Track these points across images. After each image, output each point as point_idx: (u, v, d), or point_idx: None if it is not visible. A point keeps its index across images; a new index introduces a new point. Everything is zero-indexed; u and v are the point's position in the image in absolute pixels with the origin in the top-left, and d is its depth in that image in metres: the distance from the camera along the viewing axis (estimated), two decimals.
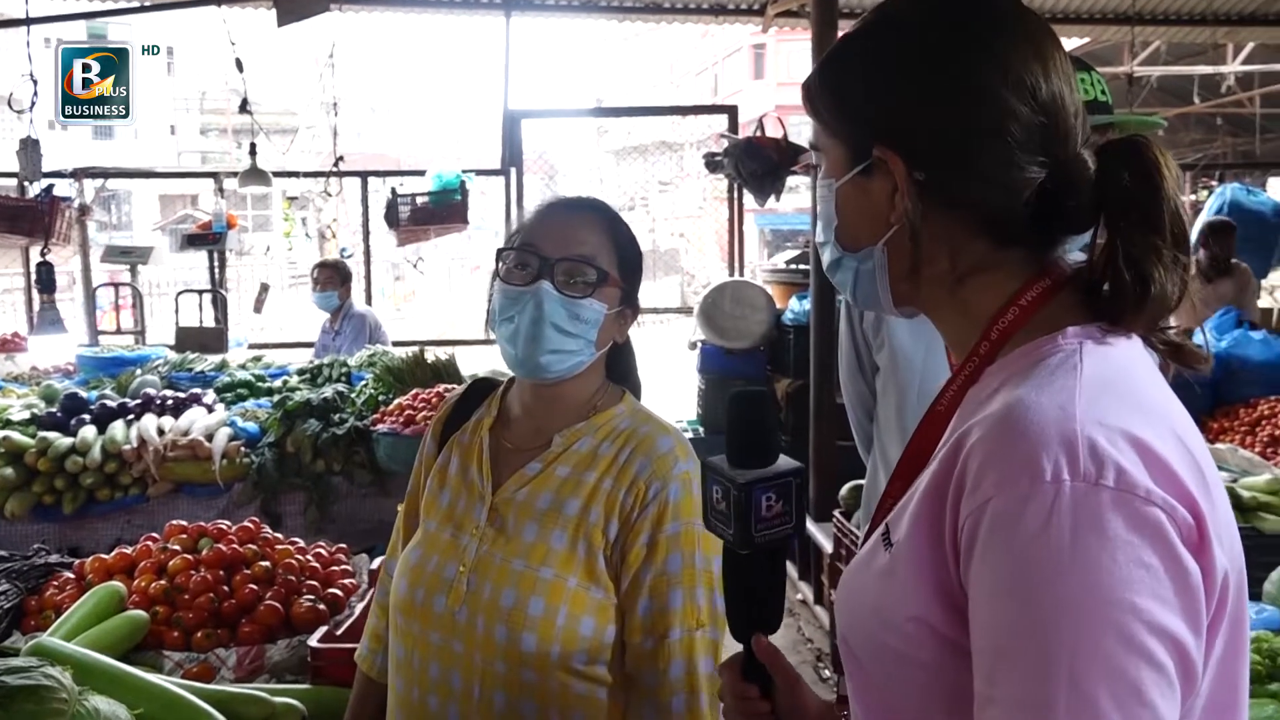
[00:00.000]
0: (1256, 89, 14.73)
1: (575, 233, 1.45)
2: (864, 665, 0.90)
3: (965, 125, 0.88)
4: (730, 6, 7.57)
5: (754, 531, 1.04)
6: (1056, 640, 0.71)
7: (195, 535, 2.51)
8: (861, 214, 0.95)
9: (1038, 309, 0.89)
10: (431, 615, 1.44)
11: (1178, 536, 0.74)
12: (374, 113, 33.70)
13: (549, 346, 1.42)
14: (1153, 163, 0.86)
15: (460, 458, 1.54)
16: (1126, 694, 0.70)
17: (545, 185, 11.08)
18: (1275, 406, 4.56)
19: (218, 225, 7.10)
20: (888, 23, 0.95)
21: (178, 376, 4.98)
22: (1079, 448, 0.75)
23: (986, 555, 0.76)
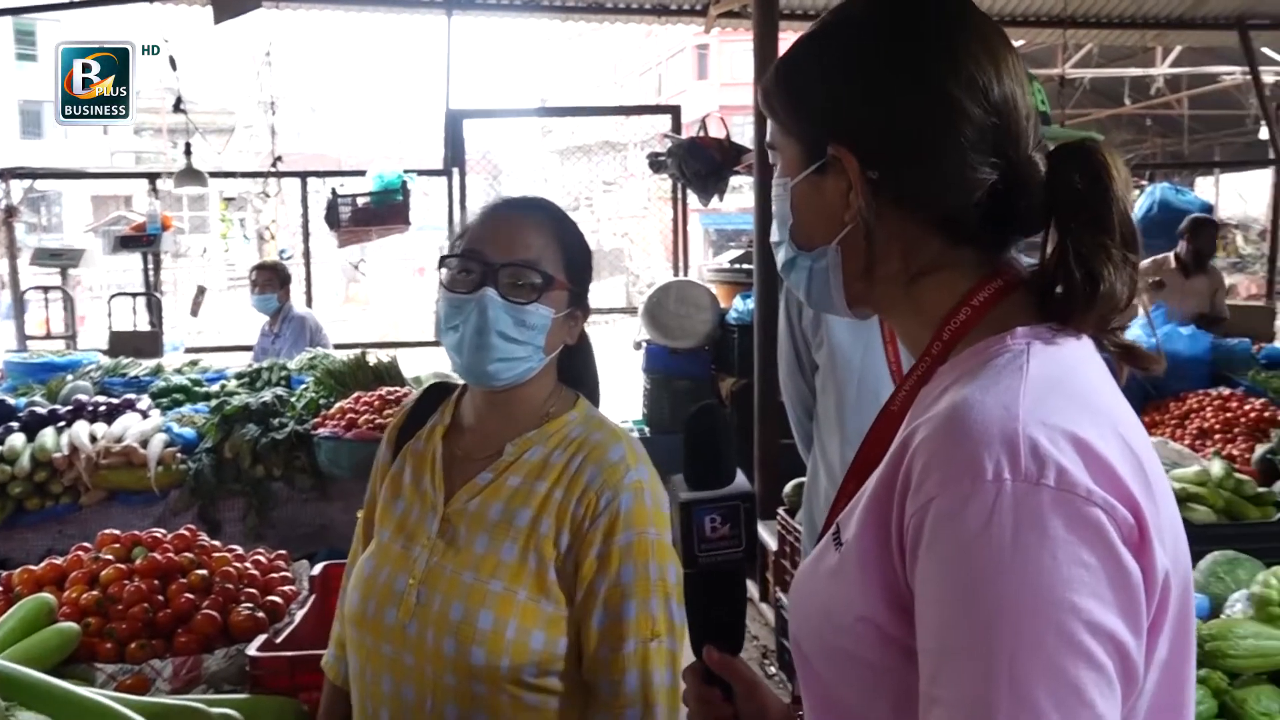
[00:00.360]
0: (1184, 91, 15.15)
1: (519, 236, 1.42)
2: (814, 666, 0.90)
3: (918, 124, 0.89)
4: (673, 7, 7.59)
5: (696, 551, 1.05)
6: (997, 640, 0.71)
7: (129, 544, 2.45)
8: (816, 212, 0.95)
9: (990, 309, 0.90)
10: (383, 627, 1.42)
11: (1118, 536, 0.74)
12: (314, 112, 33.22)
13: (495, 355, 1.39)
14: (1102, 165, 0.87)
15: (414, 466, 1.52)
16: (1066, 693, 0.70)
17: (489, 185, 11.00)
18: (1203, 400, 4.69)
19: (152, 227, 6.96)
20: (842, 23, 0.95)
21: (111, 382, 4.86)
22: (1020, 447, 0.75)
23: (929, 554, 0.76)
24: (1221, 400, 4.63)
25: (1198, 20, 8.34)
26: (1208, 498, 3.26)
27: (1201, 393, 4.80)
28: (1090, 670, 0.71)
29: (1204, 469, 3.42)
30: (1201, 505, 3.24)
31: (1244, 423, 4.38)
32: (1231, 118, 15.98)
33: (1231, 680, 1.86)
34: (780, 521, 4.19)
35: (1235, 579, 2.37)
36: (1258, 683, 1.86)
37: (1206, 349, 5.15)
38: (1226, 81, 14.11)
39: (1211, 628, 1.93)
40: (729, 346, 6.17)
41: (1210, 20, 8.35)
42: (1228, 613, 2.14)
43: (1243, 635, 1.88)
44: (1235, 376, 4.98)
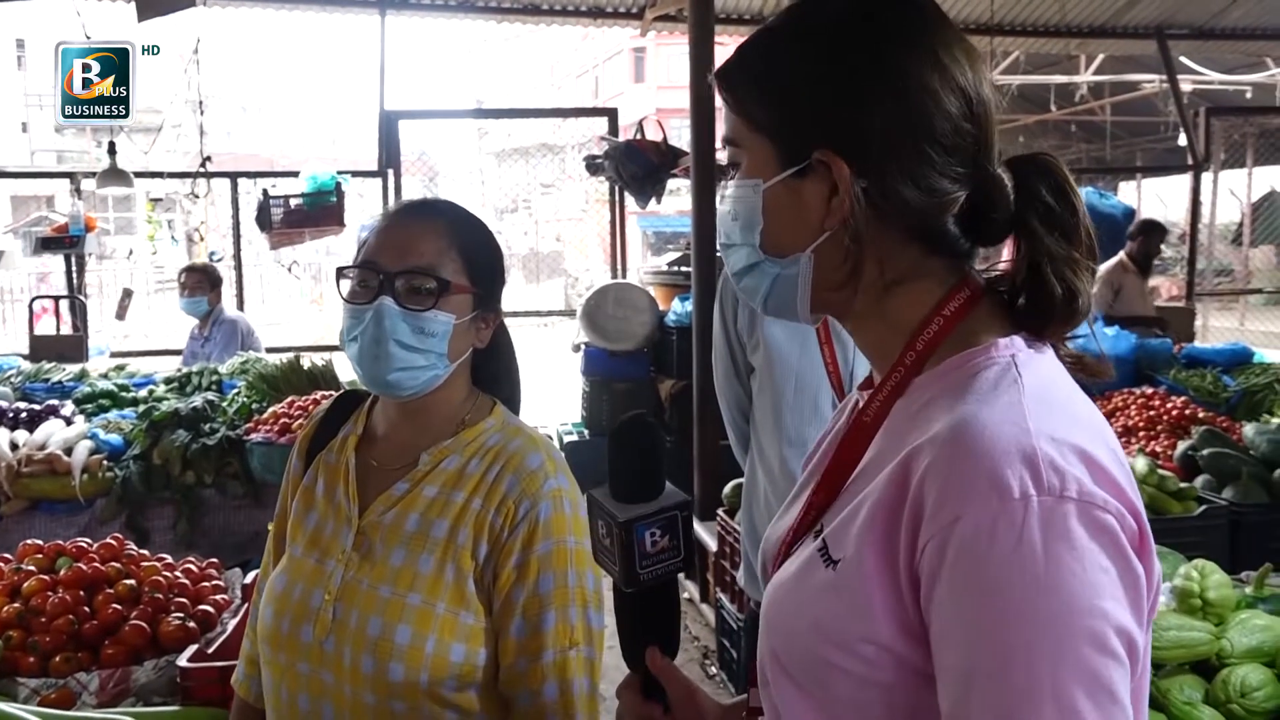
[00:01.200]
0: (1107, 98, 15.59)
1: (413, 243, 1.38)
2: (798, 680, 0.89)
3: (908, 132, 0.87)
4: (609, 10, 7.60)
5: (638, 569, 1.01)
6: (1036, 653, 0.73)
7: (53, 554, 2.38)
8: (791, 218, 0.91)
9: (960, 320, 0.90)
10: (298, 645, 1.38)
11: (1127, 541, 0.77)
12: (245, 111, 32.61)
13: (395, 364, 1.36)
14: (1065, 178, 0.89)
15: (326, 479, 1.48)
16: (1102, 695, 0.73)
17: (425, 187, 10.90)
18: (1127, 399, 4.82)
19: (75, 228, 6.76)
20: (827, 22, 0.91)
21: (32, 388, 4.73)
22: (1040, 463, 0.76)
23: (958, 577, 0.76)
24: (1145, 399, 4.76)
25: (1119, 29, 8.59)
26: None
27: (1126, 391, 4.94)
28: (1119, 668, 0.74)
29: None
30: None
31: (1166, 420, 4.52)
32: (1152, 124, 16.50)
33: (1156, 671, 1.91)
34: (720, 523, 4.22)
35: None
36: (1180, 673, 1.91)
37: (1130, 349, 5.30)
38: (1147, 89, 14.55)
39: None
40: (668, 349, 6.20)
41: (1130, 29, 8.60)
42: None
43: (1166, 627, 1.93)
44: (1157, 375, 5.13)
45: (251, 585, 2.32)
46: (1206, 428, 4.10)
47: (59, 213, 8.69)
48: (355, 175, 7.29)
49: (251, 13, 7.43)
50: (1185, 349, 5.58)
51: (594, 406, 6.42)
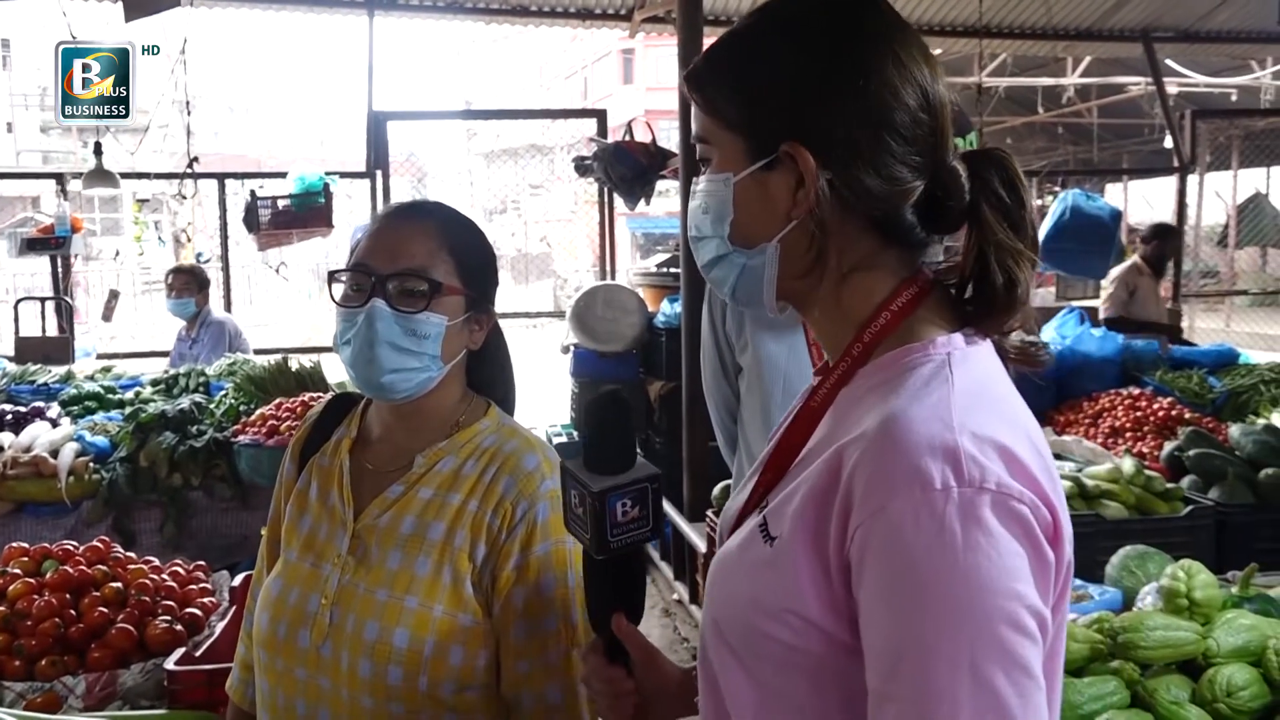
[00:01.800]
0: (1094, 100, 15.66)
1: (404, 245, 1.38)
2: (734, 647, 0.94)
3: (870, 125, 0.91)
4: (598, 11, 7.60)
5: (609, 537, 1.07)
6: (956, 634, 0.78)
7: (38, 557, 2.36)
8: (760, 210, 0.95)
9: (908, 314, 0.94)
10: (295, 650, 1.37)
11: (1040, 531, 0.83)
12: (232, 112, 32.49)
13: (388, 366, 1.36)
14: (1015, 172, 0.93)
15: (320, 482, 1.47)
16: (1018, 671, 0.79)
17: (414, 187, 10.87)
18: (1114, 400, 4.84)
19: (61, 229, 6.72)
20: (792, 21, 0.95)
21: (18, 390, 4.70)
22: (961, 457, 0.81)
23: (880, 562, 0.81)
24: (1131, 400, 4.79)
25: (1105, 32, 8.62)
26: (1119, 494, 3.37)
27: (1113, 392, 4.96)
28: (1033, 646, 0.80)
29: (1116, 466, 3.53)
30: (1114, 501, 3.34)
31: (1153, 421, 4.54)
32: (1138, 126, 16.58)
33: (1143, 671, 1.92)
34: (709, 523, 4.22)
35: (1146, 572, 2.44)
36: (1167, 673, 1.92)
37: (1117, 350, 5.32)
38: (1133, 91, 14.62)
39: (1124, 620, 1.99)
40: (657, 350, 6.19)
41: (1117, 32, 8.64)
42: (1139, 605, 2.21)
43: (1153, 627, 1.94)
44: (1144, 376, 5.15)
45: (239, 588, 2.31)
46: (1193, 428, 4.13)
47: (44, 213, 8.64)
48: (343, 176, 7.26)
49: (239, 13, 7.40)
50: (1174, 349, 5.61)
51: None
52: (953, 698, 0.78)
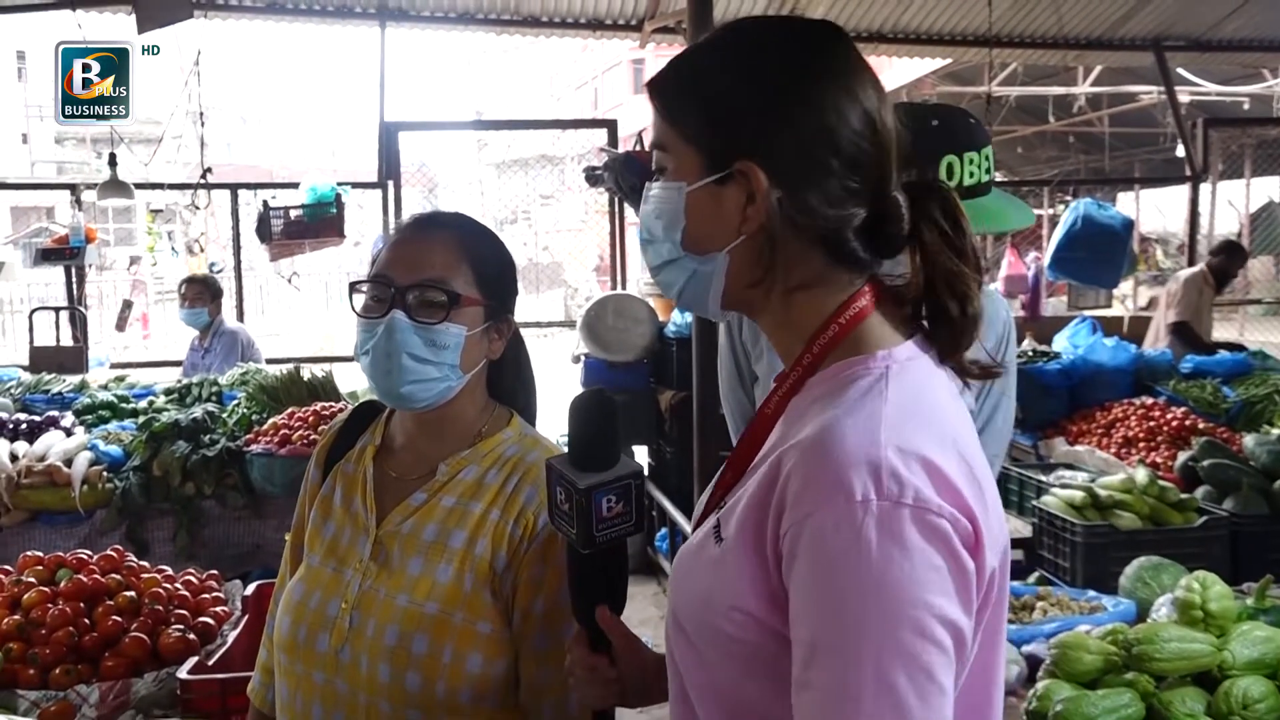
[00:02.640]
0: (1105, 109, 15.62)
1: (424, 256, 1.40)
2: (689, 637, 1.00)
3: (824, 152, 0.97)
4: (608, 22, 7.62)
5: (595, 532, 1.12)
6: (864, 635, 0.84)
7: (53, 566, 2.38)
8: (712, 220, 1.00)
9: (855, 326, 0.99)
10: (314, 654, 1.39)
11: (960, 542, 0.87)
12: (245, 123, 32.67)
13: (408, 377, 1.37)
14: (956, 205, 0.99)
15: (344, 488, 1.49)
16: (920, 675, 0.84)
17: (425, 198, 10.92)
18: (1127, 410, 4.82)
19: (75, 239, 6.77)
20: (757, 46, 1.00)
21: (32, 399, 4.73)
22: (883, 471, 0.86)
23: (805, 563, 0.87)
24: (1145, 409, 4.76)
25: (1116, 41, 8.61)
26: (1133, 505, 3.35)
27: (1126, 402, 4.94)
28: (939, 654, 0.85)
29: (1129, 477, 3.52)
30: (1127, 512, 3.32)
31: (1166, 431, 4.52)
32: (1150, 135, 16.52)
33: (1158, 683, 1.91)
34: None
35: (1160, 584, 2.43)
36: (1182, 685, 1.91)
37: (1129, 360, 5.30)
38: (1144, 100, 14.58)
39: (1138, 632, 1.98)
40: (668, 360, 6.19)
41: (1128, 41, 8.62)
42: (1153, 617, 2.20)
43: (1167, 639, 1.92)
44: (1157, 386, 5.13)
45: (251, 598, 2.32)
46: (1207, 439, 4.10)
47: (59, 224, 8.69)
48: (355, 186, 7.30)
49: (251, 25, 7.44)
50: (1188, 358, 5.58)
51: None
52: (856, 694, 0.83)
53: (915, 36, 8.21)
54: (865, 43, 8.16)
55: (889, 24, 8.03)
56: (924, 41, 8.28)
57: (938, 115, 1.90)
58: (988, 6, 7.23)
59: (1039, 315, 8.40)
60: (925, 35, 8.21)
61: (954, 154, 1.87)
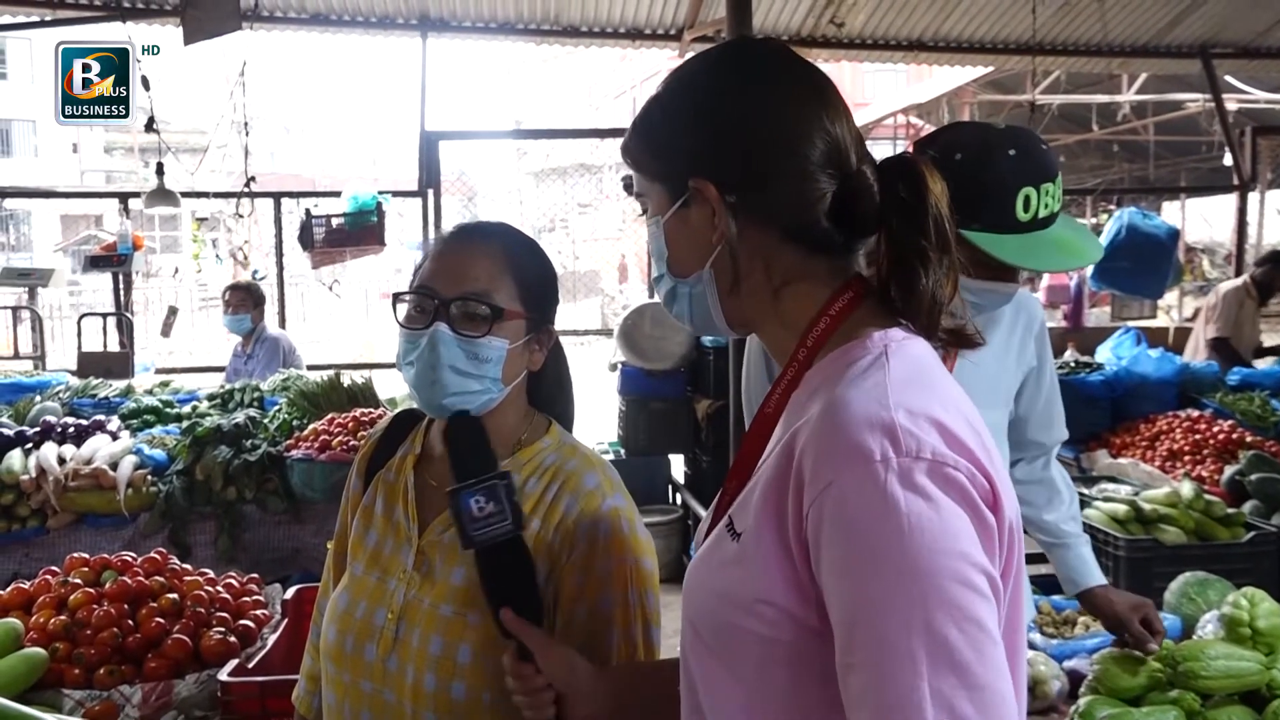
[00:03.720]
0: (1150, 117, 15.40)
1: (468, 268, 1.39)
2: (711, 646, 0.98)
3: (764, 152, 1.01)
4: (647, 31, 7.65)
5: (471, 532, 1.20)
6: (908, 594, 0.82)
7: (98, 568, 2.41)
8: (688, 242, 1.05)
9: (846, 317, 1.01)
10: (361, 664, 1.40)
11: (978, 495, 0.87)
12: (288, 132, 33.13)
13: (450, 390, 1.37)
14: (920, 175, 0.99)
15: (385, 497, 1.49)
16: (971, 626, 0.82)
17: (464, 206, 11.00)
18: (1172, 422, 4.74)
19: (123, 246, 6.90)
20: (684, 81, 1.08)
21: (80, 403, 4.80)
22: (898, 430, 0.87)
23: (834, 535, 0.86)
24: (1190, 422, 4.68)
25: (1162, 49, 8.49)
26: (1178, 519, 3.29)
27: (1171, 414, 4.85)
28: (984, 603, 0.84)
29: (1174, 490, 3.46)
30: (1172, 526, 3.27)
31: (1213, 444, 4.43)
32: (1196, 143, 16.26)
33: (1204, 701, 1.87)
34: None
35: (1206, 600, 2.39)
36: (1229, 703, 1.87)
37: (1174, 372, 5.21)
38: (1191, 108, 14.35)
39: (1183, 649, 1.95)
40: (705, 368, 6.18)
41: (1174, 49, 8.50)
42: (1199, 634, 2.16)
43: (1214, 656, 1.89)
44: (1203, 398, 5.04)
45: (291, 601, 2.34)
46: (1254, 452, 4.02)
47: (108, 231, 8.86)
48: (396, 195, 7.37)
49: (295, 36, 7.55)
50: (1234, 370, 5.48)
51: (630, 426, 6.41)
52: (910, 656, 0.81)
53: (957, 45, 8.14)
54: (906, 51, 8.12)
55: (930, 32, 7.98)
56: (966, 50, 8.21)
57: (1015, 144, 1.75)
58: (1031, 14, 7.17)
59: (1082, 326, 8.31)
60: (968, 44, 8.14)
61: (1031, 186, 1.73)
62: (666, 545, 6.03)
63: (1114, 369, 5.27)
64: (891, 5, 7.47)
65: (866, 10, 7.43)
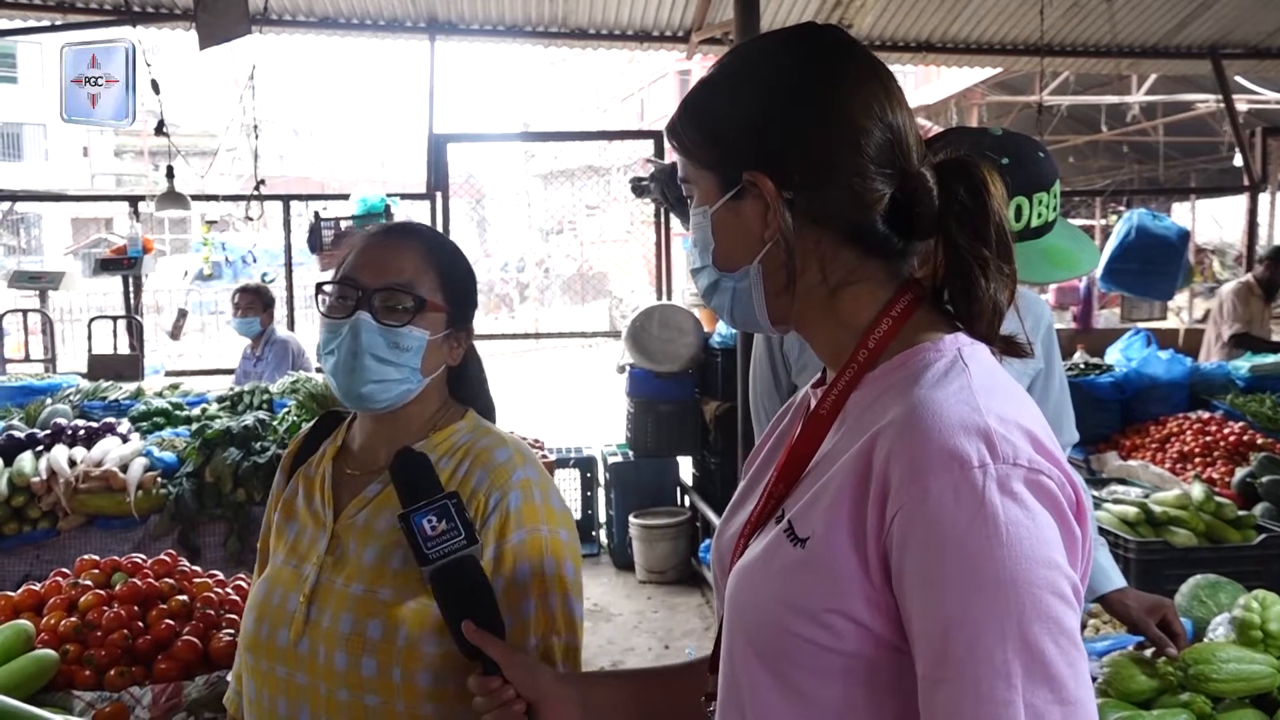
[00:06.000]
0: (1160, 118, 15.34)
1: (392, 261, 1.43)
2: (765, 658, 0.94)
3: (825, 147, 0.97)
4: (655, 33, 7.65)
5: (426, 550, 1.21)
6: (1005, 607, 0.80)
7: (108, 570, 2.42)
8: (736, 235, 1.02)
9: (906, 320, 0.99)
10: (275, 649, 1.41)
11: (1066, 504, 0.86)
12: (297, 135, 33.25)
13: (370, 377, 1.41)
14: (982, 180, 0.97)
15: (305, 489, 1.53)
16: (1065, 639, 0.81)
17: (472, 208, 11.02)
18: (1183, 424, 4.72)
19: (133, 250, 6.92)
20: (748, 66, 1.03)
21: (90, 405, 4.82)
22: (993, 436, 0.85)
23: (926, 542, 0.83)
24: (1201, 424, 4.66)
25: (1172, 49, 8.46)
26: (1189, 521, 3.28)
27: (1181, 416, 4.83)
28: (1074, 616, 0.83)
29: (1185, 492, 3.44)
30: (1183, 529, 3.25)
31: (1223, 446, 4.41)
32: (1206, 144, 16.19)
33: (1215, 704, 1.86)
34: None
35: (1217, 603, 2.37)
36: (1240, 707, 1.86)
37: (1184, 373, 5.19)
38: (1201, 109, 14.29)
39: (1194, 652, 1.94)
40: (713, 370, 6.18)
41: (1184, 49, 8.47)
42: (1210, 637, 2.15)
43: (1225, 659, 1.88)
44: (1214, 400, 5.02)
45: None
46: (1266, 454, 4.00)
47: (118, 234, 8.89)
48: (404, 197, 7.38)
49: (304, 39, 7.58)
50: (1243, 360, 5.45)
51: (638, 428, 6.42)
52: (1006, 669, 0.79)
53: (965, 46, 8.13)
54: (914, 53, 8.11)
55: (938, 33, 7.97)
56: (974, 51, 8.19)
57: (1007, 151, 1.72)
58: (1039, 15, 7.15)
59: (1091, 327, 8.27)
60: (976, 45, 8.13)
61: (1023, 195, 1.71)
62: (674, 548, 6.03)
63: (1124, 371, 5.25)
64: (900, 6, 7.46)
65: (875, 11, 7.42)
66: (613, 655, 4.97)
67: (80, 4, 6.78)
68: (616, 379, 6.63)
